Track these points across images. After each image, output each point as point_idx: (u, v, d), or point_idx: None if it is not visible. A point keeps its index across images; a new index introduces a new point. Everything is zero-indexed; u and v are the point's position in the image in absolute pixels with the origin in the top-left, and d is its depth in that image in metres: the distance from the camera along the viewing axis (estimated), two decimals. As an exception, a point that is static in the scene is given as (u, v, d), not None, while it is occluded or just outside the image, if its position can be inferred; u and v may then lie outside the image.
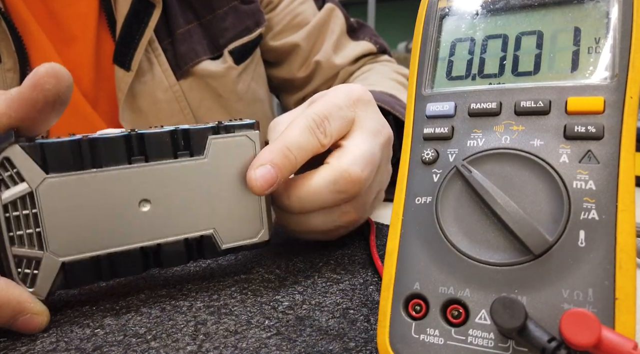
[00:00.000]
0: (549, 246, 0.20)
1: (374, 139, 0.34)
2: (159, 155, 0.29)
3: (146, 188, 0.29)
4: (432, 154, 0.24)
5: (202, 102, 0.61)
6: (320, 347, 0.25)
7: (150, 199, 0.29)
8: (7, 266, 0.26)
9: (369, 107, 0.36)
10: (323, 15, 0.70)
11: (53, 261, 0.27)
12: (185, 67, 0.59)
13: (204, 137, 0.30)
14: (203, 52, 0.60)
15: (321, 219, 0.35)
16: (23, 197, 0.26)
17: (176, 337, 0.26)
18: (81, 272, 0.28)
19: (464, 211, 0.23)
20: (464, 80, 0.25)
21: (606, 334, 0.17)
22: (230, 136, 0.31)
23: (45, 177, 0.26)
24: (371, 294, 0.31)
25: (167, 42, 0.58)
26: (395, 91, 0.56)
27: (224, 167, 0.31)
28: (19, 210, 0.26)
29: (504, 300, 0.19)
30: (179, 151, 0.29)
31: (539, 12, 0.24)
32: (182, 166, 0.30)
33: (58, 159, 0.27)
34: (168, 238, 0.30)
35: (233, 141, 0.31)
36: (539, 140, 0.22)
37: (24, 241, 0.27)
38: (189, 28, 0.59)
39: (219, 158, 0.30)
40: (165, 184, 0.29)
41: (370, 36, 0.74)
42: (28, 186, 0.26)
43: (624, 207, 0.20)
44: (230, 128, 0.31)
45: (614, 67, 0.22)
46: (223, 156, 0.31)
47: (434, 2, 0.27)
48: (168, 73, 0.58)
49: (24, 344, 0.26)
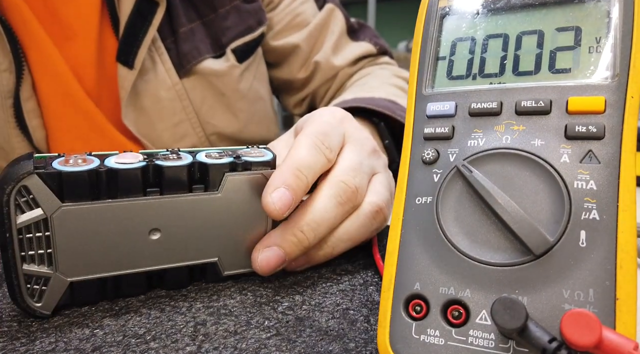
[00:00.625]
0: (549, 246, 0.20)
1: (361, 150, 0.35)
2: (174, 188, 0.29)
3: (158, 218, 0.29)
4: (432, 154, 0.24)
5: (205, 101, 0.61)
6: (320, 348, 0.25)
7: (161, 228, 0.30)
8: (18, 282, 0.27)
9: (353, 122, 0.37)
10: (323, 16, 0.70)
11: (61, 280, 0.28)
12: (188, 65, 0.59)
13: (221, 173, 0.30)
14: (206, 51, 0.60)
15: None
16: (37, 223, 0.27)
17: (176, 338, 0.26)
18: (87, 291, 0.29)
19: (464, 211, 0.23)
20: (464, 80, 0.25)
21: (607, 334, 0.17)
22: (247, 174, 0.31)
23: (60, 205, 0.27)
24: (371, 294, 0.31)
25: (170, 41, 0.58)
26: (395, 96, 0.57)
27: (236, 202, 0.31)
28: (33, 233, 0.27)
29: (505, 300, 0.19)
30: (194, 185, 0.30)
31: (540, 11, 0.24)
32: (195, 199, 0.30)
33: (74, 189, 0.27)
34: (174, 264, 0.31)
35: (249, 179, 0.31)
36: (539, 140, 0.22)
37: (35, 259, 0.27)
38: (192, 27, 0.59)
39: (232, 193, 0.31)
40: (176, 215, 0.30)
41: (370, 37, 0.74)
42: (43, 213, 0.26)
43: (624, 207, 0.20)
44: (248, 165, 0.31)
45: (615, 66, 0.22)
46: (237, 191, 0.31)
47: (434, 2, 0.27)
48: (171, 72, 0.58)
49: (23, 345, 0.26)
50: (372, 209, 0.33)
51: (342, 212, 0.32)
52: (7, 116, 0.53)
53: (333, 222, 0.32)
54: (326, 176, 0.33)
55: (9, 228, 0.26)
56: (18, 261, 0.27)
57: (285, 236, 0.31)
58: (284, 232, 0.31)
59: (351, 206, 0.33)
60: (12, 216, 0.26)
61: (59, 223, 0.27)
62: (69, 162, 0.27)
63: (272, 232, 0.32)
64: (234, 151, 0.32)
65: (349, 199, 0.32)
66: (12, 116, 0.54)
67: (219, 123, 0.63)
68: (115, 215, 0.28)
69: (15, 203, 0.26)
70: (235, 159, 0.30)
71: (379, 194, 0.34)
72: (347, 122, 0.37)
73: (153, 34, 0.55)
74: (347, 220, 0.33)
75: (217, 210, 0.31)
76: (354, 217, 0.33)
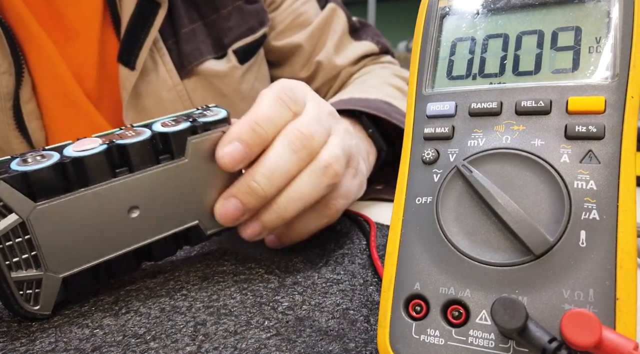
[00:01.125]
0: (549, 246, 0.20)
1: (320, 108, 0.35)
2: (142, 163, 0.29)
3: (134, 196, 0.29)
4: (432, 154, 0.24)
5: (206, 102, 0.61)
6: (320, 348, 0.25)
7: (139, 205, 0.30)
8: (10, 291, 0.27)
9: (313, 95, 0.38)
10: (325, 15, 0.70)
11: (53, 278, 0.28)
12: (190, 66, 0.59)
13: (183, 138, 0.30)
14: (207, 52, 0.60)
15: (313, 218, 0.35)
16: (15, 228, 0.26)
17: (175, 337, 0.26)
18: (80, 281, 0.29)
19: (464, 211, 0.23)
20: (464, 80, 0.25)
21: (607, 334, 0.17)
22: (207, 134, 0.31)
23: (34, 206, 0.26)
24: (371, 294, 0.31)
25: (171, 42, 0.58)
26: (392, 98, 0.56)
27: (204, 163, 0.31)
28: (13, 239, 0.26)
29: (505, 300, 0.19)
30: (160, 156, 0.30)
31: (540, 11, 0.24)
32: (165, 169, 0.30)
33: (44, 186, 0.26)
34: (158, 236, 0.31)
35: (210, 138, 0.31)
36: (539, 140, 0.22)
37: (21, 265, 0.27)
38: (193, 27, 0.59)
39: (199, 156, 0.31)
40: (151, 190, 0.30)
41: (372, 36, 0.74)
42: (18, 217, 0.26)
43: (624, 207, 0.20)
44: (207, 126, 0.31)
45: (615, 66, 0.22)
46: (202, 152, 0.31)
47: (434, 2, 0.27)
48: (172, 73, 0.58)
49: (23, 345, 0.26)
50: (321, 165, 0.33)
51: (296, 160, 0.32)
52: (7, 118, 0.53)
53: (287, 169, 0.32)
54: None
55: None
56: (5, 271, 0.26)
57: (239, 187, 0.32)
58: (239, 182, 0.32)
59: (306, 154, 0.32)
60: None
61: (37, 224, 0.26)
62: (27, 161, 0.27)
63: (231, 185, 0.32)
64: (188, 115, 0.32)
65: (303, 146, 0.32)
66: (12, 118, 0.54)
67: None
68: (91, 202, 0.28)
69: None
70: (193, 123, 0.31)
71: (330, 152, 0.34)
72: (308, 90, 0.37)
73: (155, 35, 0.55)
74: (297, 177, 0.33)
75: (187, 175, 0.31)
76: (302, 173, 0.33)
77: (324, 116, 0.35)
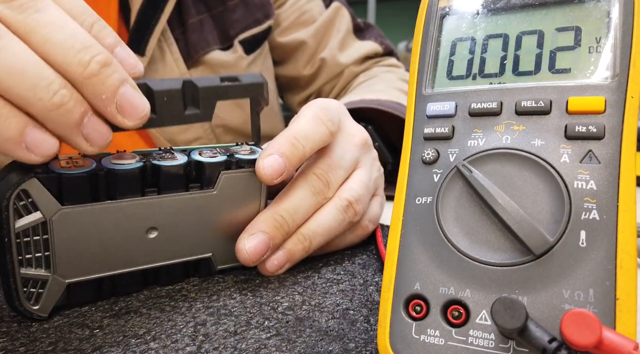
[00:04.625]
0: (549, 247, 0.20)
1: (348, 142, 0.36)
2: (171, 187, 0.29)
3: (155, 217, 0.30)
4: (432, 154, 0.24)
5: None
6: (320, 348, 0.25)
7: (158, 227, 0.30)
8: (15, 286, 0.27)
9: (348, 114, 0.39)
10: (330, 14, 0.71)
11: (59, 282, 0.28)
12: (196, 55, 0.60)
13: (217, 171, 0.31)
14: (214, 42, 0.61)
15: (349, 238, 0.37)
16: (36, 226, 0.26)
17: (175, 338, 0.26)
18: (84, 291, 0.29)
19: (464, 211, 0.23)
20: (464, 80, 0.25)
21: (607, 334, 0.17)
22: (241, 171, 0.31)
23: (60, 208, 0.27)
24: (371, 294, 0.31)
25: (178, 32, 0.59)
26: (401, 100, 0.58)
27: (230, 198, 0.32)
28: (31, 236, 0.27)
29: (505, 300, 0.19)
30: (190, 183, 0.30)
31: (540, 11, 0.24)
32: (192, 198, 0.30)
33: (74, 191, 0.27)
34: (169, 261, 0.31)
35: (241, 176, 0.32)
36: (539, 140, 0.22)
37: (32, 263, 0.27)
38: (201, 19, 0.60)
39: (227, 191, 0.31)
40: (174, 214, 0.30)
41: (376, 37, 0.75)
42: (42, 216, 0.26)
43: (625, 207, 0.20)
44: (242, 163, 0.31)
45: (615, 66, 0.22)
46: (231, 188, 0.31)
47: (434, 2, 0.27)
48: (179, 61, 0.59)
49: (23, 345, 0.26)
50: (342, 204, 0.34)
51: (315, 202, 0.33)
52: None
53: (307, 209, 0.33)
54: (304, 168, 0.34)
55: (8, 232, 0.26)
56: (16, 265, 0.26)
57: (267, 221, 0.32)
58: (265, 217, 0.32)
59: (322, 198, 0.34)
60: (11, 221, 0.26)
61: (58, 226, 0.27)
62: (63, 164, 0.27)
63: (253, 222, 0.32)
64: (226, 148, 0.32)
65: (320, 190, 0.33)
66: None
67: (225, 115, 0.63)
68: (114, 215, 0.28)
69: (14, 207, 0.26)
70: (229, 157, 0.31)
71: (351, 190, 0.35)
72: (343, 111, 0.38)
73: (165, 23, 0.56)
74: (319, 212, 0.34)
75: (212, 207, 0.31)
76: (325, 209, 0.34)
77: (348, 152, 0.36)
